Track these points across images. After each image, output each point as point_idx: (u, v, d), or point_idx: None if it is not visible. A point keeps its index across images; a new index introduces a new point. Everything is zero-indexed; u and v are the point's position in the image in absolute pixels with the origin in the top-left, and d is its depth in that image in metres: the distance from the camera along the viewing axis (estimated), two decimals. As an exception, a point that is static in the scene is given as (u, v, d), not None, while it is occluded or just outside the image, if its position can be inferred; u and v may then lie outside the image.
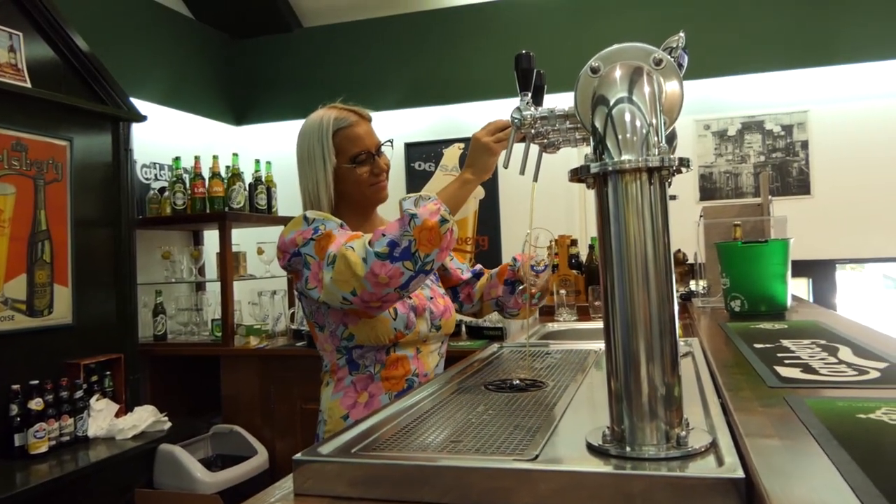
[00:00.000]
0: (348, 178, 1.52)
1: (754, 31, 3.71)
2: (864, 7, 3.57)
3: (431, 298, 1.56)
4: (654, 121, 0.85)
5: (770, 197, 2.58)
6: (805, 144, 3.71)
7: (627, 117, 0.84)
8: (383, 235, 1.29)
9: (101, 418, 2.87)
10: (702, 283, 2.55)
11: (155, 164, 3.81)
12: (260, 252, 3.70)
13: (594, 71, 0.93)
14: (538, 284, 1.59)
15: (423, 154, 4.27)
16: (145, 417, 2.98)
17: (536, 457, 0.82)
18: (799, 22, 3.65)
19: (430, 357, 1.55)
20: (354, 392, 1.47)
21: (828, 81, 3.68)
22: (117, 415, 2.96)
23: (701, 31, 3.71)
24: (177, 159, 3.60)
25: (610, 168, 0.82)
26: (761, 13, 3.71)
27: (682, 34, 1.05)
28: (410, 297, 1.50)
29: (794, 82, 3.72)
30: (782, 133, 3.75)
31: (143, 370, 3.37)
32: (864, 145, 3.62)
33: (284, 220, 3.90)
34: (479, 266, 1.83)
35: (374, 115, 1.63)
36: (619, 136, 0.83)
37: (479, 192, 4.20)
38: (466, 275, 1.77)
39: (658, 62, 0.93)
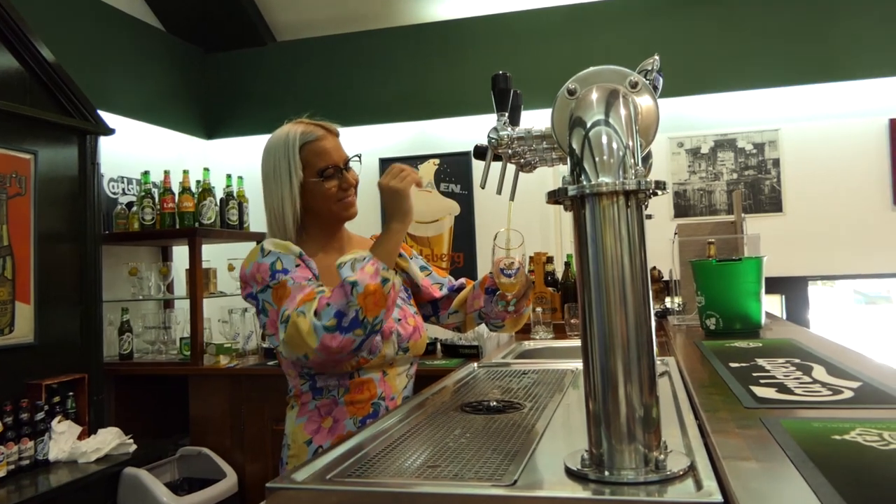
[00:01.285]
0: (315, 193, 1.51)
1: (726, 51, 3.79)
2: (834, 28, 3.67)
3: (400, 320, 1.54)
4: (630, 143, 0.86)
5: (743, 214, 2.63)
6: (777, 162, 3.79)
7: (604, 139, 0.86)
8: (328, 305, 1.30)
9: (63, 441, 2.81)
10: (677, 300, 2.58)
11: (123, 178, 3.76)
12: (231, 268, 3.66)
13: (571, 93, 0.95)
14: (514, 289, 1.54)
15: (397, 169, 4.28)
16: (109, 440, 2.92)
17: (515, 482, 0.82)
18: (769, 42, 3.74)
19: (397, 379, 1.53)
20: (318, 416, 1.45)
21: (798, 100, 3.77)
22: (80, 437, 2.89)
23: (675, 50, 3.78)
24: (146, 174, 3.56)
25: (587, 191, 0.83)
26: (733, 34, 3.79)
27: (656, 57, 1.07)
28: None
29: (765, 101, 3.80)
30: (754, 151, 3.82)
31: (108, 391, 3.31)
32: (834, 163, 3.71)
33: (256, 236, 3.87)
34: (462, 280, 1.81)
35: (348, 130, 1.63)
36: (597, 159, 0.85)
37: (455, 209, 4.23)
38: (443, 292, 1.75)
39: (634, 85, 0.94)
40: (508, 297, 1.54)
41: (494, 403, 1.32)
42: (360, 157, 1.58)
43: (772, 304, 3.68)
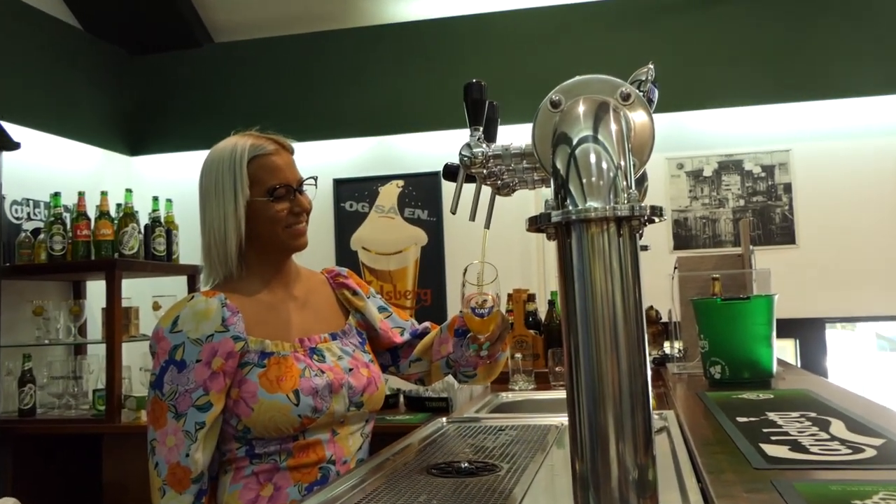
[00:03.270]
0: (262, 215, 1.50)
1: (731, 61, 3.87)
2: (852, 38, 3.77)
3: (351, 370, 1.53)
4: (622, 163, 0.88)
5: (751, 247, 2.68)
6: (788, 187, 3.88)
7: (593, 158, 0.87)
8: None
9: (-51, 515, 2.72)
10: (677, 345, 2.60)
11: (28, 200, 3.71)
12: (156, 307, 3.61)
13: (555, 105, 0.96)
14: (488, 329, 1.53)
15: (354, 192, 4.28)
16: (5, 513, 2.84)
17: (489, 556, 0.81)
18: (780, 53, 3.84)
19: (349, 440, 1.52)
20: (257, 484, 1.43)
21: (811, 117, 3.86)
22: (-31, 510, 2.81)
23: (673, 61, 3.86)
24: (56, 195, 3.51)
25: (574, 217, 0.84)
26: (739, 43, 3.89)
27: (651, 66, 1.10)
28: (323, 372, 1.48)
29: (775, 118, 3.89)
30: (763, 174, 3.91)
31: (5, 453, 3.22)
32: (854, 189, 3.79)
33: (187, 269, 3.84)
34: (426, 323, 1.81)
35: (298, 146, 1.63)
36: (584, 180, 0.86)
37: (421, 238, 4.24)
38: (404, 337, 1.74)
39: (626, 97, 0.96)
40: (481, 339, 1.54)
41: (466, 465, 1.31)
42: (315, 181, 1.59)
43: (784, 350, 3.73)
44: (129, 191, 3.60)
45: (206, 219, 1.51)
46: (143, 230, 3.59)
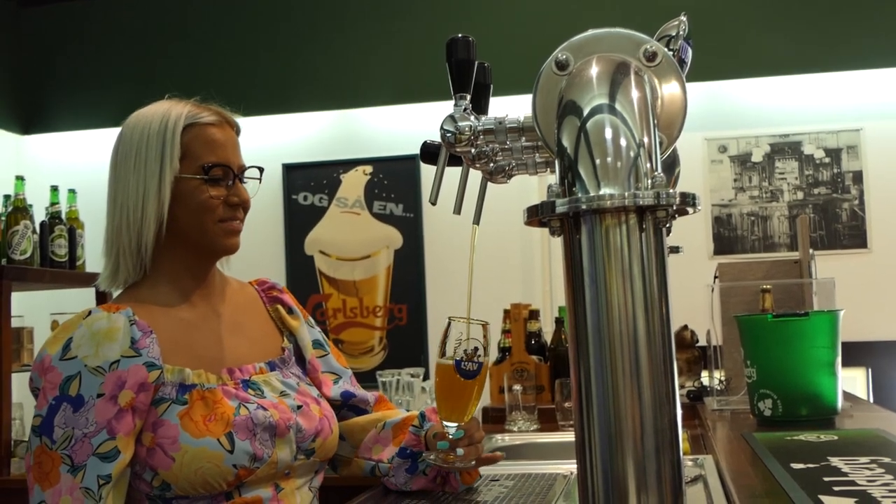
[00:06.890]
0: (190, 200, 1.48)
1: (787, 16, 3.89)
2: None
3: (300, 408, 1.51)
4: (645, 139, 0.88)
5: (812, 251, 2.69)
6: (858, 176, 3.89)
7: (608, 133, 0.87)
8: None
9: None
10: (718, 374, 2.61)
11: None
12: (55, 327, 3.59)
13: (561, 66, 0.96)
14: (475, 397, 1.52)
15: (310, 181, 4.27)
16: None
17: None
18: (850, 6, 3.85)
19: (297, 496, 1.50)
20: None
21: (889, 89, 3.87)
22: None
23: (713, 13, 3.87)
24: (-74, 183, 3.49)
25: (584, 206, 0.84)
26: (795, -9, 3.91)
27: (684, 18, 1.10)
28: (265, 409, 1.45)
29: (843, 89, 3.90)
30: (827, 160, 3.93)
31: None
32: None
33: (95, 279, 3.80)
34: (376, 392, 1.77)
35: (238, 122, 1.63)
36: (597, 161, 0.86)
37: (394, 240, 4.23)
38: (334, 390, 1.69)
39: (651, 56, 0.96)
40: (455, 429, 1.53)
41: (449, 526, 1.31)
42: (261, 172, 1.58)
43: (853, 381, 3.75)
44: (20, 179, 3.57)
45: (119, 196, 1.49)
46: (38, 229, 3.56)
